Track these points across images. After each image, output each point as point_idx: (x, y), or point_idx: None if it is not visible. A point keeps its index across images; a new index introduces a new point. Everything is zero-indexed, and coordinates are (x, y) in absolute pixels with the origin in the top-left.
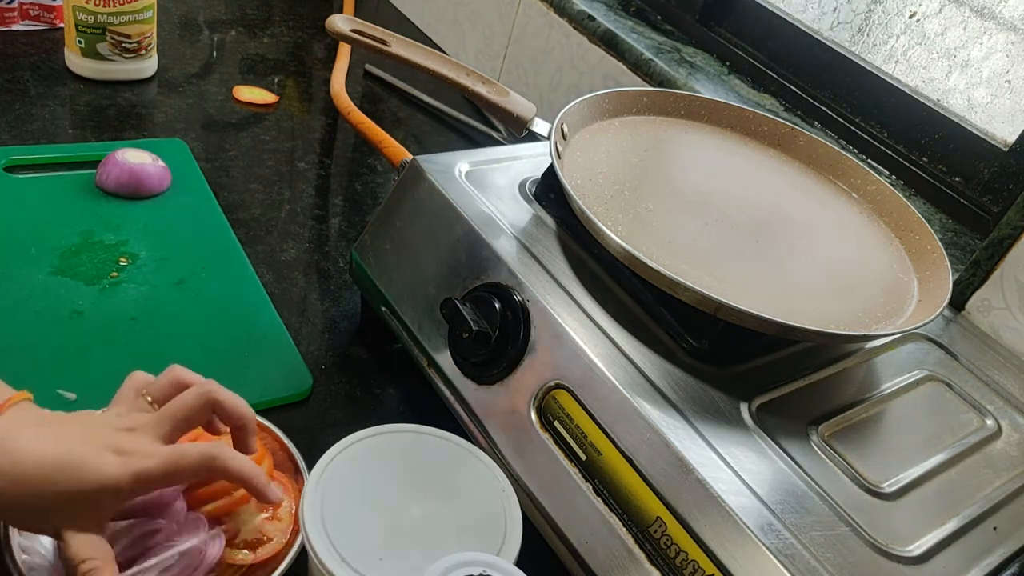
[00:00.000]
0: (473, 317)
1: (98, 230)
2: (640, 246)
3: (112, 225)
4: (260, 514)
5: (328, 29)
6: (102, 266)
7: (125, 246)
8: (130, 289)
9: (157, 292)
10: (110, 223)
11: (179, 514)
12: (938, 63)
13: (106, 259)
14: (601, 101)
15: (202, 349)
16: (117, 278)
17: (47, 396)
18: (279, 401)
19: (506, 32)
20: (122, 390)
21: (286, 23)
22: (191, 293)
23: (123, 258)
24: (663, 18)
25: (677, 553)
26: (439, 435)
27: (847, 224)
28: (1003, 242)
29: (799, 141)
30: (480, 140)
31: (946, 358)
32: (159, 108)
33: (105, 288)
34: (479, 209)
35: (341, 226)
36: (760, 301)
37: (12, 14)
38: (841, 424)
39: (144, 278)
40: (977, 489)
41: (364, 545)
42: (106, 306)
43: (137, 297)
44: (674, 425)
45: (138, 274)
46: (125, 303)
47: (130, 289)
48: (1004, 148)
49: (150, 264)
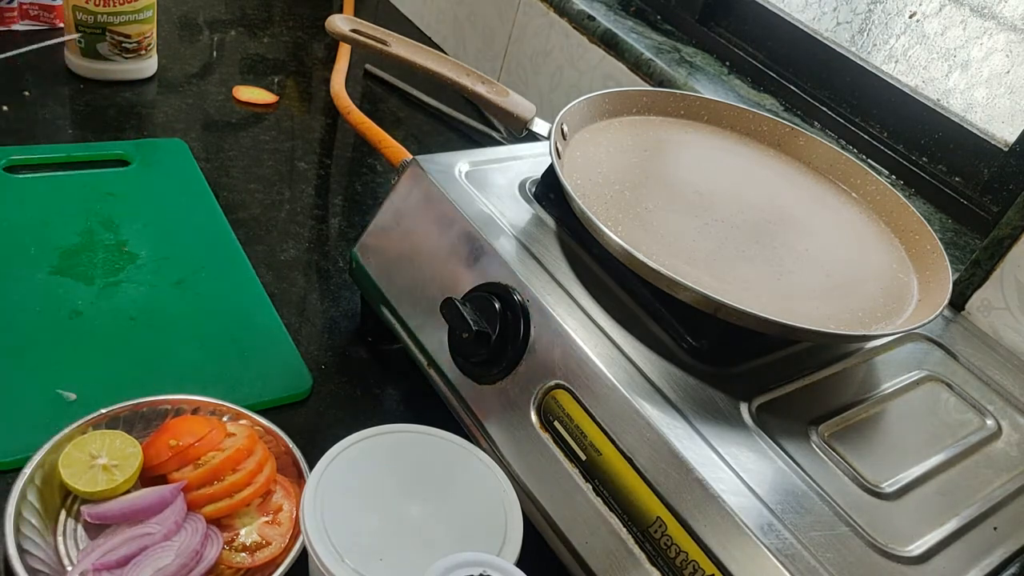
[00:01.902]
0: (473, 317)
1: (98, 230)
2: (640, 246)
3: (112, 225)
4: (260, 518)
5: (328, 29)
6: (102, 266)
7: (125, 246)
8: (130, 289)
9: (157, 292)
10: (110, 223)
11: (178, 514)
12: (938, 63)
13: (106, 259)
14: (601, 101)
15: (202, 349)
16: (117, 278)
17: (47, 396)
18: (279, 401)
19: (506, 32)
20: None
21: (286, 23)
22: (191, 293)
23: (123, 258)
24: (663, 18)
25: (677, 553)
26: (439, 435)
27: (847, 224)
28: (1003, 242)
29: (799, 141)
30: (480, 140)
31: (946, 358)
32: (159, 108)
33: (105, 288)
34: (479, 209)
35: (341, 226)
36: (760, 301)
37: (12, 14)
38: (841, 424)
39: (144, 278)
40: (977, 489)
41: (364, 545)
42: (106, 306)
43: (137, 297)
44: (674, 425)
45: (138, 274)
46: (125, 303)
47: (130, 289)
48: (1004, 148)
49: (150, 264)
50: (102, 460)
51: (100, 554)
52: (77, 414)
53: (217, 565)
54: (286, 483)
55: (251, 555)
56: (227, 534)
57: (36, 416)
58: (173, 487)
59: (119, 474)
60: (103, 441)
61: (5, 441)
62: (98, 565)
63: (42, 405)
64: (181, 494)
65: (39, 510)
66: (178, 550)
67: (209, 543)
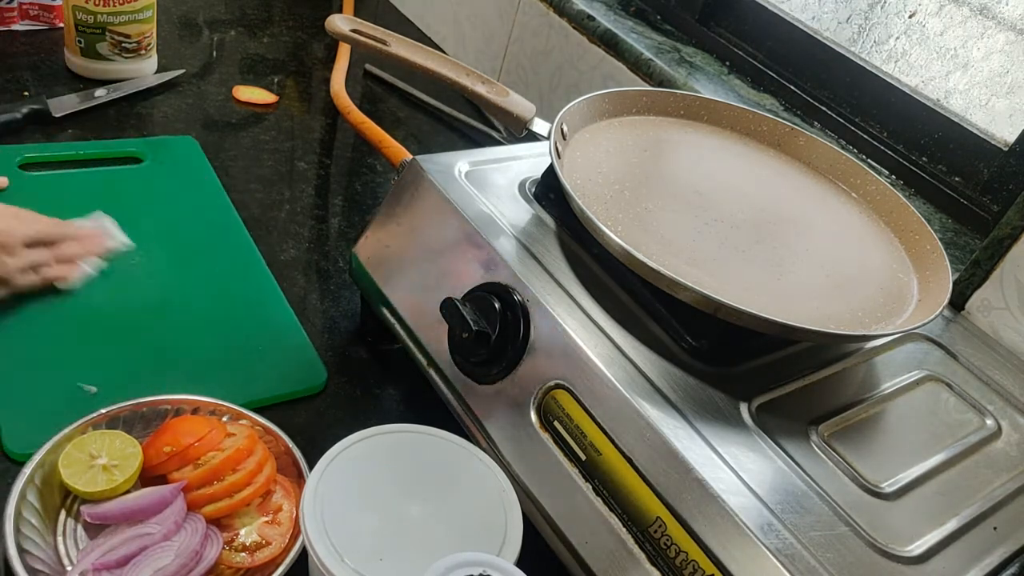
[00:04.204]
0: (473, 317)
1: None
2: (640, 246)
3: (126, 221)
4: (260, 518)
5: (328, 29)
6: (118, 261)
7: (140, 241)
8: (145, 284)
9: (171, 287)
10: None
11: (178, 514)
12: (938, 63)
13: (121, 255)
14: (601, 101)
15: (217, 343)
16: (133, 274)
17: (68, 389)
18: (295, 394)
19: (506, 32)
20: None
21: (286, 23)
22: (205, 288)
23: (137, 254)
24: (663, 18)
25: (677, 553)
26: (439, 435)
27: (847, 224)
28: (1003, 242)
29: (799, 141)
30: (480, 140)
31: (946, 358)
32: (159, 108)
33: (121, 284)
34: (479, 209)
35: (341, 226)
36: (760, 301)
37: (12, 14)
38: (841, 424)
39: (158, 273)
40: (977, 489)
41: (364, 545)
42: (122, 300)
43: (152, 291)
44: (674, 425)
45: (152, 269)
46: (140, 298)
47: (145, 284)
48: (1004, 148)
49: (163, 259)
50: (102, 460)
51: (100, 554)
52: (98, 407)
53: (217, 565)
54: (286, 483)
55: (251, 555)
56: (227, 534)
57: (58, 409)
58: (173, 487)
59: (119, 474)
60: (103, 441)
61: (28, 434)
62: (98, 565)
63: (64, 398)
64: (181, 494)
65: (39, 510)
66: (178, 550)
67: (209, 543)
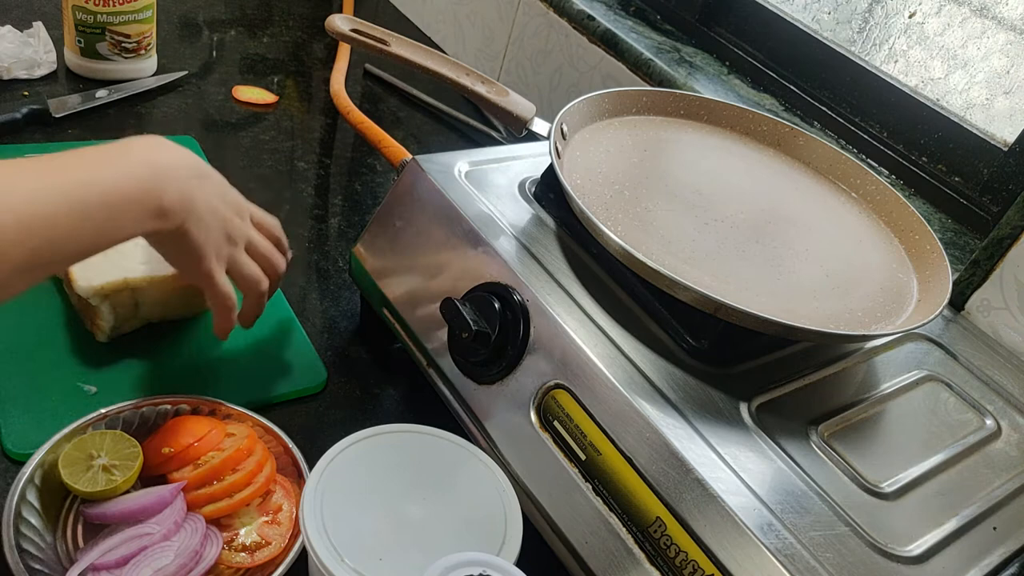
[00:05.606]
0: (473, 317)
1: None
2: (640, 246)
3: None
4: (260, 518)
5: (328, 29)
6: None
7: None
8: None
9: None
10: None
11: (177, 514)
12: (938, 63)
13: None
14: (601, 101)
15: (217, 342)
16: None
17: (69, 389)
18: (295, 394)
19: (506, 32)
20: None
21: (286, 23)
22: None
23: None
24: (663, 18)
25: (677, 553)
26: (439, 435)
27: (847, 224)
28: (1003, 242)
29: (799, 141)
30: (480, 140)
31: (946, 358)
32: (159, 108)
33: None
34: (479, 209)
35: (341, 226)
36: (760, 301)
37: None
38: (841, 424)
39: None
40: (977, 489)
41: (364, 545)
42: None
43: None
44: (674, 425)
45: None
46: None
47: None
48: (1004, 148)
49: None
50: (102, 460)
51: (99, 554)
52: (98, 407)
53: (217, 565)
54: (286, 483)
55: (251, 555)
56: (227, 534)
57: (58, 409)
58: (173, 487)
59: (119, 474)
60: (103, 441)
61: (28, 434)
62: (97, 565)
63: (64, 398)
64: (181, 494)
65: (39, 510)
66: (177, 550)
67: (209, 543)
